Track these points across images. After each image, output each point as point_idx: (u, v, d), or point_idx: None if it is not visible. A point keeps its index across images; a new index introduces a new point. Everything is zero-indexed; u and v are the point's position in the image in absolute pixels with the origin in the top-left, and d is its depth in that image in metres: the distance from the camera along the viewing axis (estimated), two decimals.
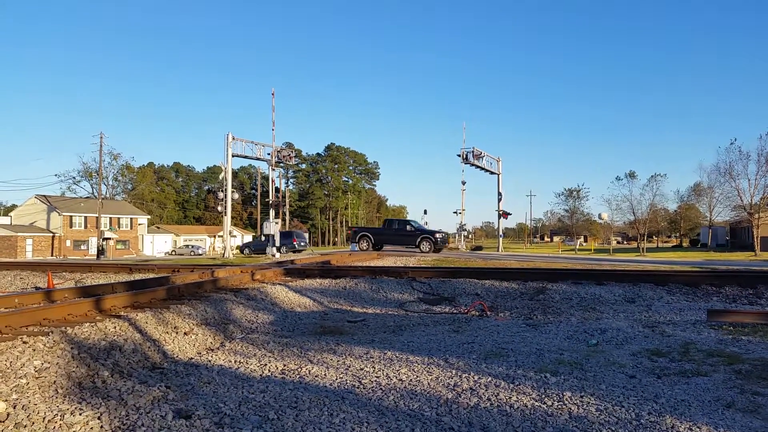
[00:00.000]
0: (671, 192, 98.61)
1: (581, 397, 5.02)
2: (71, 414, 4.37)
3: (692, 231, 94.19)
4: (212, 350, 7.56)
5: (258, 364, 6.59)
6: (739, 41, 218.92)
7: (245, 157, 44.48)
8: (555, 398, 4.99)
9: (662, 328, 8.48)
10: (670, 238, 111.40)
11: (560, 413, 4.61)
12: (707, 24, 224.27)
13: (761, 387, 5.19)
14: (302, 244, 50.19)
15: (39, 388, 4.94)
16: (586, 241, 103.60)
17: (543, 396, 5.07)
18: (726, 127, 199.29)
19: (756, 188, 53.28)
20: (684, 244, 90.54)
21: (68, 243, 74.55)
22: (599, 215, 75.60)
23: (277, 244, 40.40)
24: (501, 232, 56.80)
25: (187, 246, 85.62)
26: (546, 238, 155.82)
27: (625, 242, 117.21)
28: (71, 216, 75.74)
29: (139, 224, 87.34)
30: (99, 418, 4.32)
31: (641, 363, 6.29)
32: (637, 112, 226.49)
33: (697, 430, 4.15)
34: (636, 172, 74.48)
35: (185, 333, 7.88)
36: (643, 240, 72.84)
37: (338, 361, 6.75)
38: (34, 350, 5.69)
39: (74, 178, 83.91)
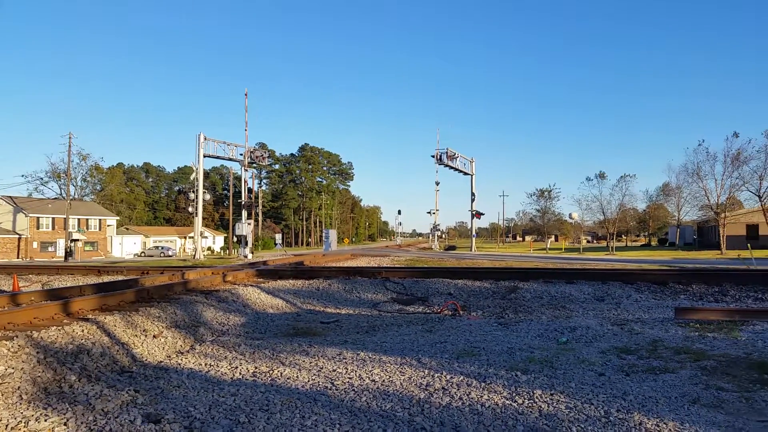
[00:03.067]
0: (640, 192, 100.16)
1: (551, 394, 5.08)
2: (36, 420, 4.27)
3: (660, 230, 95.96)
4: (182, 353, 7.47)
5: (229, 367, 6.53)
6: (706, 42, 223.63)
7: (217, 157, 44.12)
8: (526, 396, 5.04)
9: (631, 326, 8.62)
10: (638, 237, 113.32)
11: (531, 411, 4.65)
12: (676, 24, 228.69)
13: (725, 382, 5.31)
14: None
15: (2, 395, 4.82)
16: (557, 240, 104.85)
17: (514, 394, 5.11)
18: (694, 128, 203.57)
19: (722, 188, 54.51)
20: (652, 243, 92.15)
21: (35, 245, 72.86)
22: (570, 215, 76.59)
23: None
24: (474, 232, 57.23)
25: (157, 247, 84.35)
26: (518, 238, 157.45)
27: (594, 241, 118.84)
28: (38, 217, 74.05)
29: (108, 225, 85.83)
30: (65, 424, 4.24)
31: (610, 361, 6.38)
32: (608, 113, 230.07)
33: (664, 426, 4.22)
34: (606, 173, 75.70)
35: (154, 336, 7.77)
36: (613, 239, 74.03)
37: (310, 362, 6.72)
38: None
39: (41, 178, 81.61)
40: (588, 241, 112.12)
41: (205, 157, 42.22)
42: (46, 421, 4.28)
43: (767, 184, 50.13)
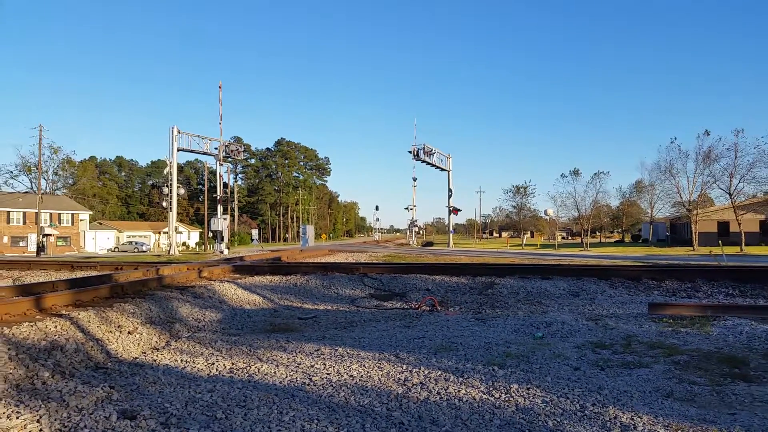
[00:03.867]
0: (614, 189, 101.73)
1: (528, 389, 5.13)
2: (8, 417, 4.20)
3: (634, 227, 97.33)
4: (158, 349, 7.40)
5: (205, 363, 6.48)
6: (679, 39, 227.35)
7: (191, 151, 43.65)
8: (502, 391, 5.09)
9: (605, 321, 8.74)
10: (612, 233, 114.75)
11: (507, 405, 4.70)
12: (651, 21, 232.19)
13: (697, 377, 5.42)
14: None
15: None
16: (532, 236, 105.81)
17: (491, 389, 5.16)
18: (667, 126, 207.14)
19: (694, 185, 55.31)
20: (626, 240, 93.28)
21: (5, 239, 71.48)
22: (545, 211, 77.24)
23: None
24: (451, 228, 57.51)
25: (130, 242, 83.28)
26: (495, 234, 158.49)
27: (569, 237, 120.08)
28: (8, 211, 72.62)
29: (81, 220, 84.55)
30: (38, 421, 4.17)
31: (585, 355, 6.47)
32: (582, 110, 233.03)
33: (638, 419, 4.30)
34: (580, 170, 76.37)
35: (129, 332, 7.69)
36: (587, 235, 74.82)
37: (288, 358, 6.70)
38: None
39: (11, 172, 79.64)
40: (563, 238, 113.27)
41: (179, 150, 41.71)
42: (18, 418, 4.21)
43: (737, 181, 51.11)
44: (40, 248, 57.85)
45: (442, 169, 55.10)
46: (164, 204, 43.65)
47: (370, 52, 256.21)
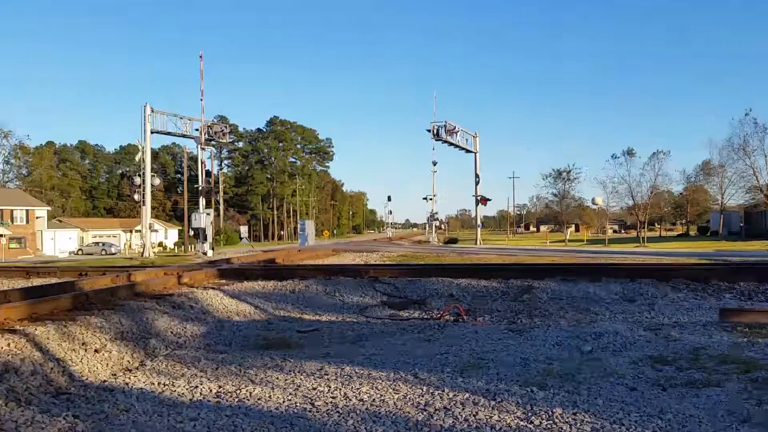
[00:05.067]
0: (676, 172, 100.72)
1: (574, 414, 5.11)
2: None
3: (700, 217, 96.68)
4: (130, 370, 7.44)
5: (187, 387, 6.51)
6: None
7: (168, 133, 43.93)
8: (544, 416, 5.06)
9: (667, 331, 8.69)
10: (674, 225, 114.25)
11: None
12: None
13: None
14: None
15: None
16: (577, 230, 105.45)
17: (529, 414, 5.14)
18: (740, 95, 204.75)
19: None
20: (691, 233, 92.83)
21: None
22: (593, 200, 77.14)
23: None
24: (479, 222, 57.52)
25: (97, 244, 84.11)
26: (532, 228, 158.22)
27: (622, 231, 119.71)
28: None
29: (38, 218, 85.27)
30: None
31: (643, 373, 6.42)
32: (637, 79, 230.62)
33: None
34: (635, 150, 75.54)
35: (96, 350, 7.74)
36: (644, 228, 74.46)
37: (286, 379, 6.72)
38: None
39: None
40: (615, 231, 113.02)
41: (152, 133, 41.96)
42: None
43: None
44: None
45: (468, 151, 55.01)
46: (136, 197, 43.93)
47: (378, 10, 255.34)
